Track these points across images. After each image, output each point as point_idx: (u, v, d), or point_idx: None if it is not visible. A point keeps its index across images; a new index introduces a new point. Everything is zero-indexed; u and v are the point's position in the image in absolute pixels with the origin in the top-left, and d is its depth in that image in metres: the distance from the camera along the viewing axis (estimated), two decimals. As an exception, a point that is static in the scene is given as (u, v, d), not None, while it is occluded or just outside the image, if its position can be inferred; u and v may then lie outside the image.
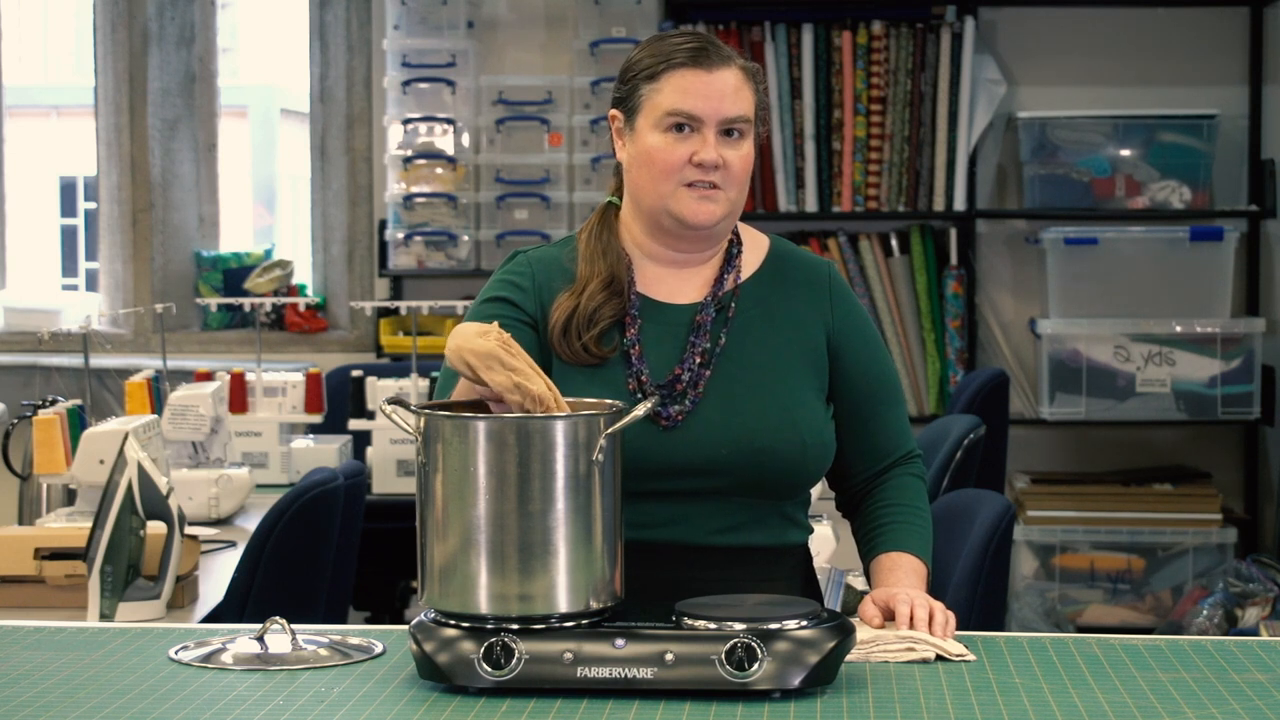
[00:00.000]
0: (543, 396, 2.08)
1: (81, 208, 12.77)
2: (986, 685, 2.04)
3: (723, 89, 2.38)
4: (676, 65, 2.38)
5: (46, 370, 6.22)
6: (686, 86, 2.38)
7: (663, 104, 2.38)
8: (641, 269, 2.47)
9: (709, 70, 2.38)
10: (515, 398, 2.08)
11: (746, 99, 2.41)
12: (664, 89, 2.39)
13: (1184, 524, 5.74)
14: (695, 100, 2.37)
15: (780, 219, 5.90)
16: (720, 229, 2.45)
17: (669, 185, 2.40)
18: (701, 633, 1.99)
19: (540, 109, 6.06)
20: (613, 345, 2.41)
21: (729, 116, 2.38)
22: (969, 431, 4.13)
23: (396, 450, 4.39)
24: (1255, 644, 2.23)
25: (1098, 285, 5.79)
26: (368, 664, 2.15)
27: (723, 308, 2.45)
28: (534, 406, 2.07)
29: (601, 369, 2.40)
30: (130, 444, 2.82)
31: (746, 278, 2.48)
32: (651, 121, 2.39)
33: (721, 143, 2.39)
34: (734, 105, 2.39)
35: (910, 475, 2.53)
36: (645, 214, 2.45)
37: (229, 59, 8.77)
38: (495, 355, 2.08)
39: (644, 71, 2.41)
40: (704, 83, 2.37)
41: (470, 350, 2.09)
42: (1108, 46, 6.05)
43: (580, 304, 2.41)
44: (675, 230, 2.43)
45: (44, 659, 2.19)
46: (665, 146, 2.39)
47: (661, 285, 2.47)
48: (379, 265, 6.28)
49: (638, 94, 2.41)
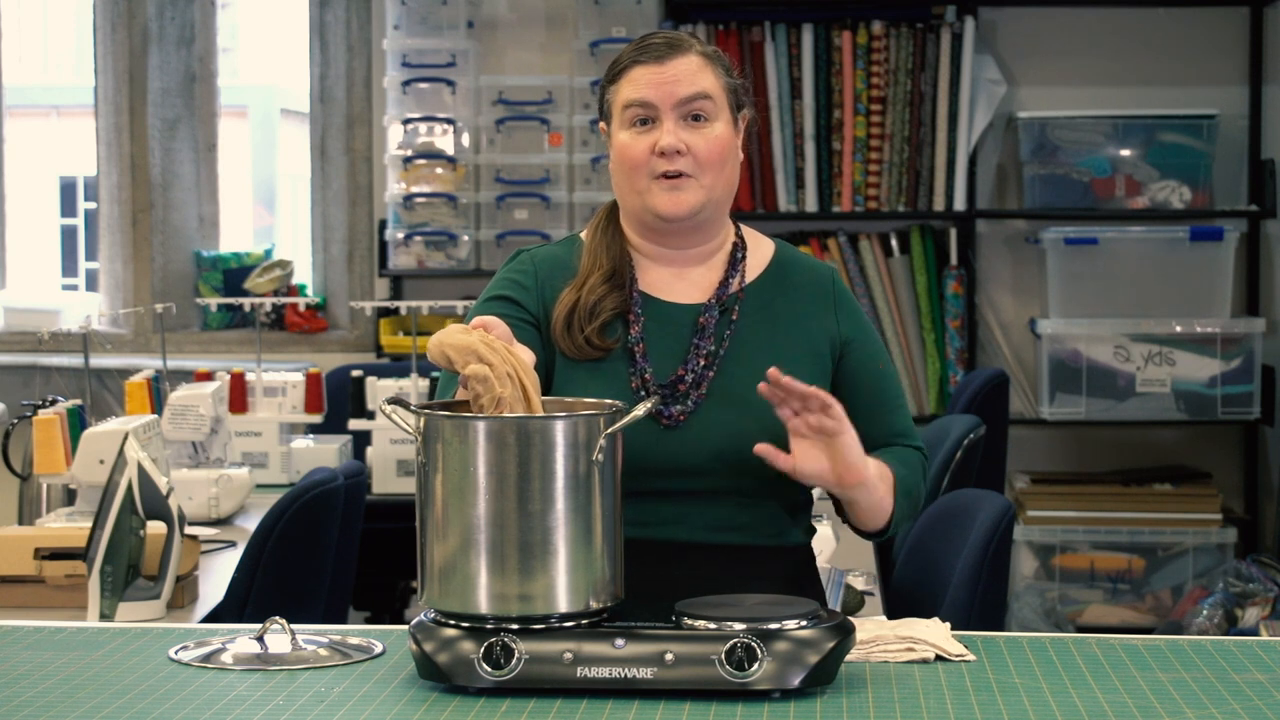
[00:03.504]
0: (502, 399, 2.08)
1: (81, 208, 12.76)
2: (986, 685, 2.04)
3: (676, 74, 2.40)
4: (629, 64, 2.42)
5: (46, 370, 6.22)
6: (639, 79, 2.41)
7: (621, 100, 2.42)
8: (644, 269, 2.48)
9: (661, 62, 2.40)
10: (478, 388, 2.09)
11: (707, 78, 2.42)
12: (623, 86, 2.42)
13: (1184, 524, 5.74)
14: (647, 89, 2.39)
15: (780, 219, 5.90)
16: (703, 218, 2.44)
17: (640, 180, 2.41)
18: (701, 633, 1.99)
19: (540, 109, 6.06)
20: (615, 337, 2.42)
21: (684, 96, 2.39)
22: (969, 431, 4.13)
23: (396, 450, 4.39)
24: (1255, 644, 2.23)
25: (1098, 285, 5.79)
26: (368, 664, 2.15)
27: (726, 310, 2.45)
28: (490, 406, 2.08)
29: (605, 365, 2.40)
30: (130, 444, 2.82)
31: (751, 280, 2.49)
32: (618, 121, 2.43)
33: (684, 127, 2.40)
34: (690, 85, 2.40)
35: (910, 449, 2.50)
36: (630, 214, 2.47)
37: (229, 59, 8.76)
38: (473, 349, 2.10)
39: (609, 76, 2.46)
40: (655, 73, 2.40)
41: (450, 344, 2.11)
42: (1108, 46, 6.05)
43: (581, 297, 2.42)
44: (656, 225, 2.44)
45: (44, 659, 2.19)
46: (630, 141, 2.41)
47: (664, 285, 2.47)
48: (379, 265, 6.28)
49: (606, 98, 2.46)
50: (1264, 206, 5.88)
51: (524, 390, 2.11)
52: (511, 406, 2.10)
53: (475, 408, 2.10)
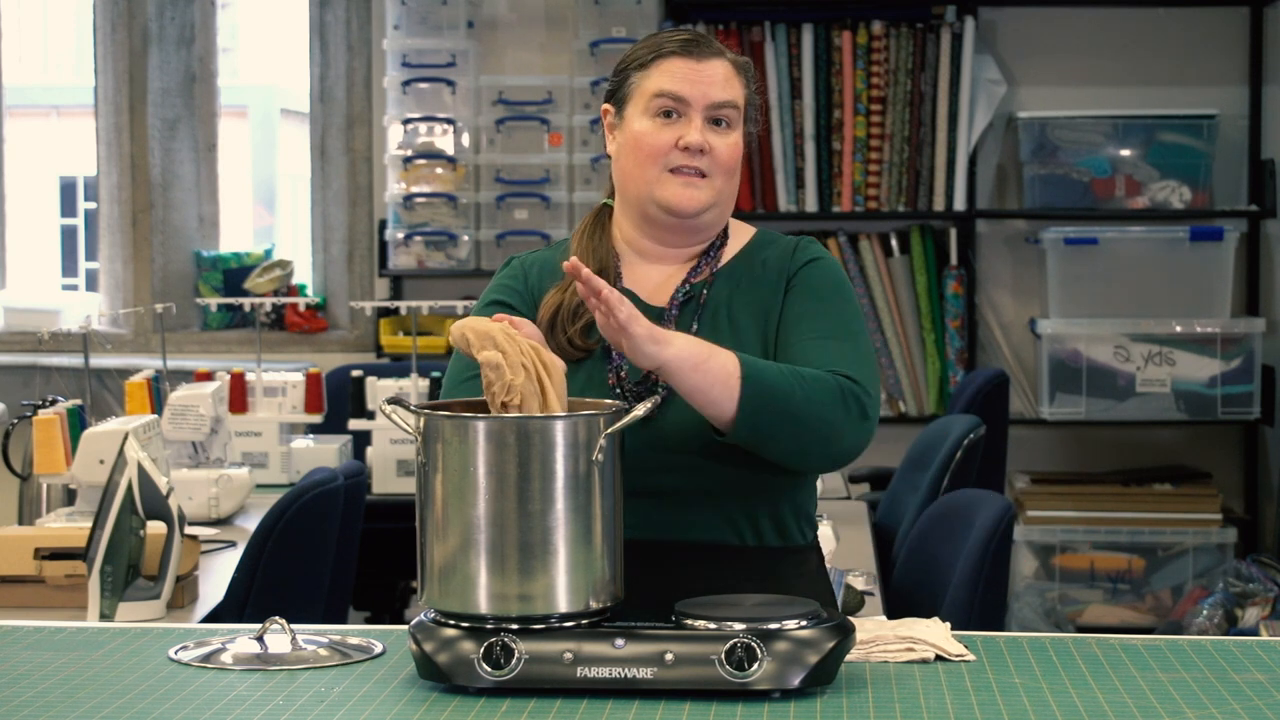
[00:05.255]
0: (513, 386, 2.09)
1: (81, 208, 12.76)
2: (986, 685, 2.04)
3: (712, 76, 2.40)
4: (667, 54, 2.41)
5: (46, 370, 6.22)
6: (675, 71, 2.40)
7: (651, 88, 2.40)
8: (630, 266, 2.47)
9: (699, 60, 2.40)
10: (490, 375, 2.10)
11: (736, 88, 2.43)
12: (653, 74, 2.41)
13: (1184, 524, 5.74)
14: (683, 84, 2.39)
15: (780, 219, 5.90)
16: (707, 218, 2.44)
17: (655, 170, 2.40)
18: (701, 633, 1.99)
19: (540, 109, 6.06)
20: (596, 338, 2.41)
21: (717, 101, 2.40)
22: (969, 431, 4.13)
23: (396, 450, 4.39)
24: (1255, 644, 2.23)
25: (1098, 285, 5.79)
26: (367, 664, 2.15)
27: (693, 296, 2.44)
28: (501, 393, 2.09)
29: (585, 364, 2.40)
30: (130, 444, 2.82)
31: (722, 265, 2.47)
32: (640, 107, 2.41)
33: (708, 130, 2.40)
34: (723, 91, 2.40)
35: (829, 372, 2.29)
36: (632, 203, 2.45)
37: (229, 59, 8.77)
38: (491, 335, 2.12)
39: (635, 62, 2.44)
40: (693, 69, 2.40)
41: (471, 327, 2.14)
42: (1108, 46, 6.05)
43: (565, 298, 2.42)
44: (661, 219, 2.43)
45: (44, 659, 2.19)
46: (652, 130, 2.40)
47: (647, 281, 2.46)
48: (379, 265, 6.28)
49: (628, 83, 2.44)
50: (1264, 206, 5.88)
51: (541, 385, 2.11)
52: (524, 398, 2.10)
53: (488, 395, 2.11)
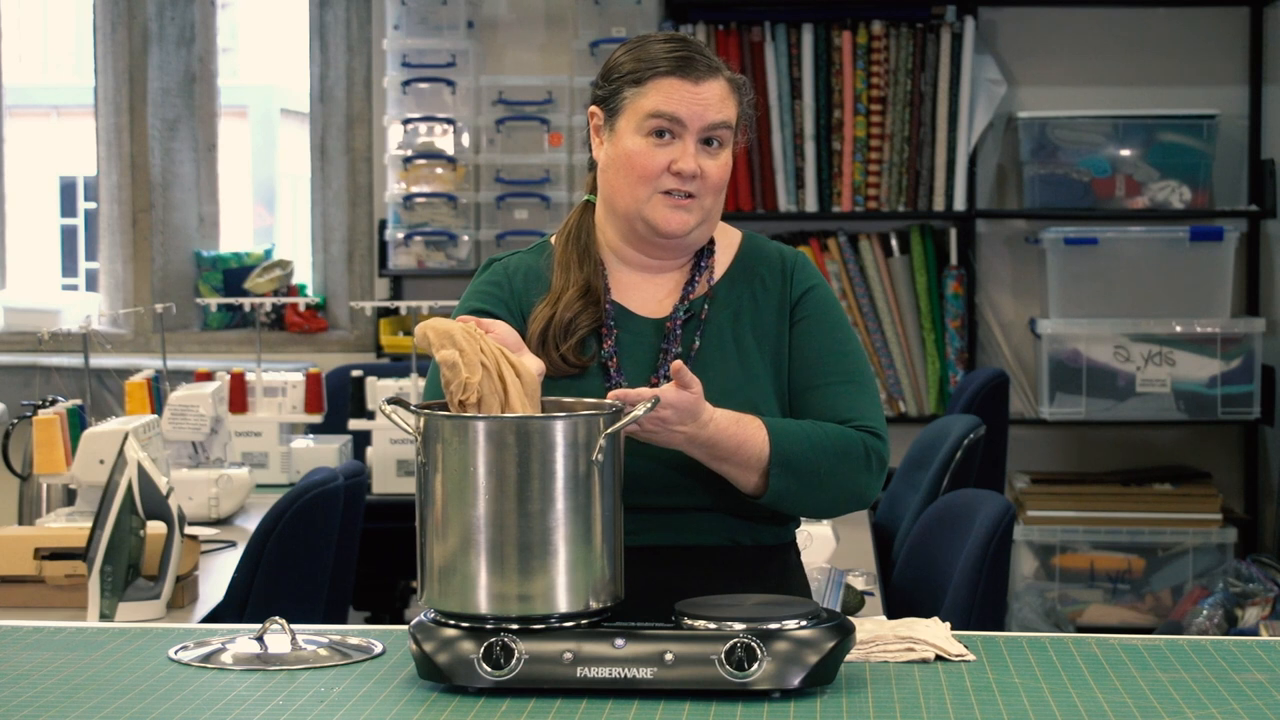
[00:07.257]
0: (469, 384, 2.08)
1: (81, 208, 12.77)
2: (986, 685, 2.04)
3: (708, 98, 2.38)
4: (663, 73, 2.38)
5: (46, 370, 6.22)
6: (671, 92, 2.37)
7: (646, 106, 2.38)
8: (616, 275, 2.46)
9: (696, 81, 2.38)
10: (448, 374, 2.09)
11: (730, 108, 2.41)
12: (649, 93, 2.38)
13: (1184, 524, 5.74)
14: (679, 106, 2.37)
15: (780, 219, 5.90)
16: (693, 238, 2.44)
17: (645, 191, 2.39)
18: (701, 633, 1.99)
19: (540, 109, 6.06)
20: (591, 354, 2.40)
21: (711, 122, 2.38)
22: (969, 431, 4.13)
23: (396, 450, 4.39)
24: (1255, 644, 2.23)
25: (1098, 285, 5.79)
26: (367, 664, 2.15)
27: (694, 313, 2.44)
28: (458, 391, 2.08)
29: (580, 380, 2.38)
30: (130, 444, 2.82)
31: (719, 278, 2.47)
32: (633, 125, 2.39)
33: (701, 152, 2.38)
34: (718, 112, 2.39)
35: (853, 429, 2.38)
36: (620, 217, 2.44)
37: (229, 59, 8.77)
38: (451, 333, 2.10)
39: (629, 75, 2.40)
40: (690, 91, 2.37)
41: (432, 326, 2.12)
42: (1108, 46, 6.05)
43: (556, 314, 2.40)
44: (648, 237, 2.42)
45: (44, 659, 2.19)
46: (645, 151, 2.38)
47: (635, 292, 2.46)
48: (379, 265, 6.28)
49: (620, 96, 2.41)
50: (1264, 206, 5.88)
51: (504, 383, 2.10)
52: (483, 397, 2.09)
53: (446, 393, 2.10)
